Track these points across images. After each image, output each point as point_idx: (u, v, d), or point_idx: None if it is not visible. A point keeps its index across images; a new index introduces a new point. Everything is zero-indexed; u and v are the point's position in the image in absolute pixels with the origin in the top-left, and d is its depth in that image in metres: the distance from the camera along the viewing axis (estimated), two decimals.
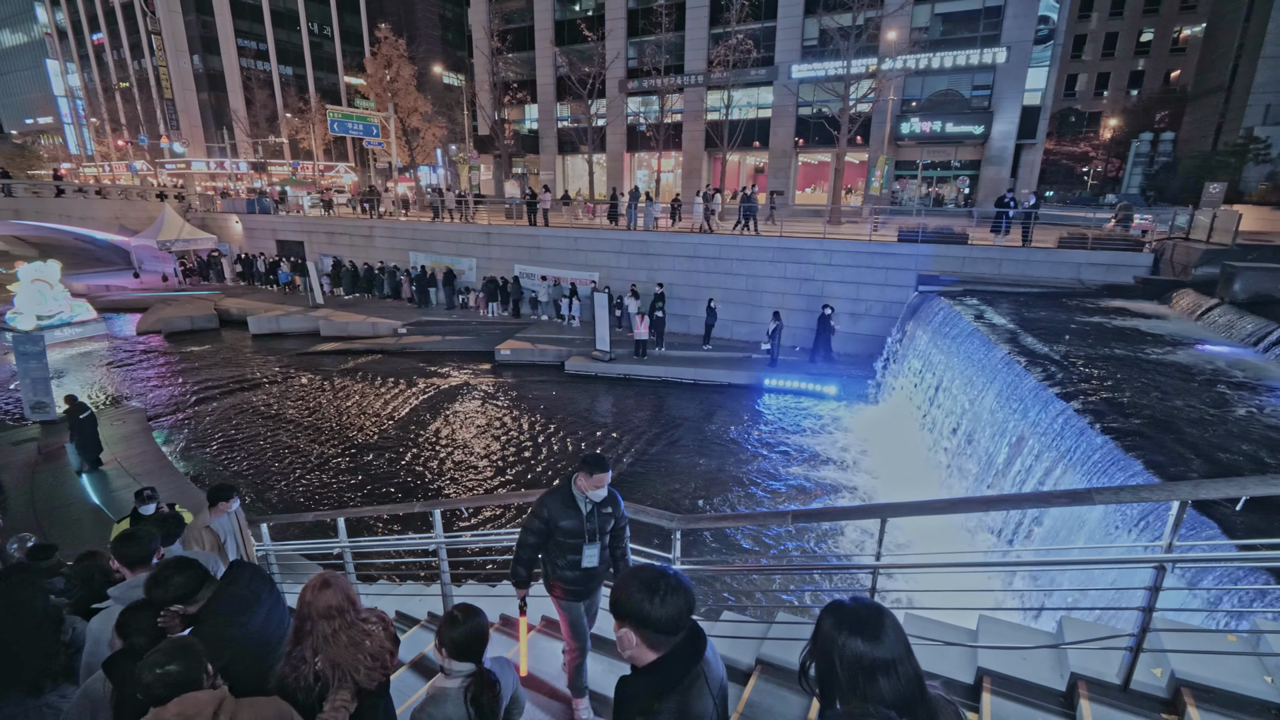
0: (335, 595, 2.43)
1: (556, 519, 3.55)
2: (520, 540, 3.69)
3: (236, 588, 3.20)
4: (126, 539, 3.55)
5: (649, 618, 1.63)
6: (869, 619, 1.42)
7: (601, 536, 3.60)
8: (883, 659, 1.37)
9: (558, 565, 3.66)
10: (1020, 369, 8.82)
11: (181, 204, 35.82)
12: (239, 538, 5.20)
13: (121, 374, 19.53)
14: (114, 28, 63.17)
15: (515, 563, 3.76)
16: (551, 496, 3.63)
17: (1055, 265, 16.14)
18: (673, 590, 1.64)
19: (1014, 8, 27.00)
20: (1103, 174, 49.97)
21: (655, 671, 1.68)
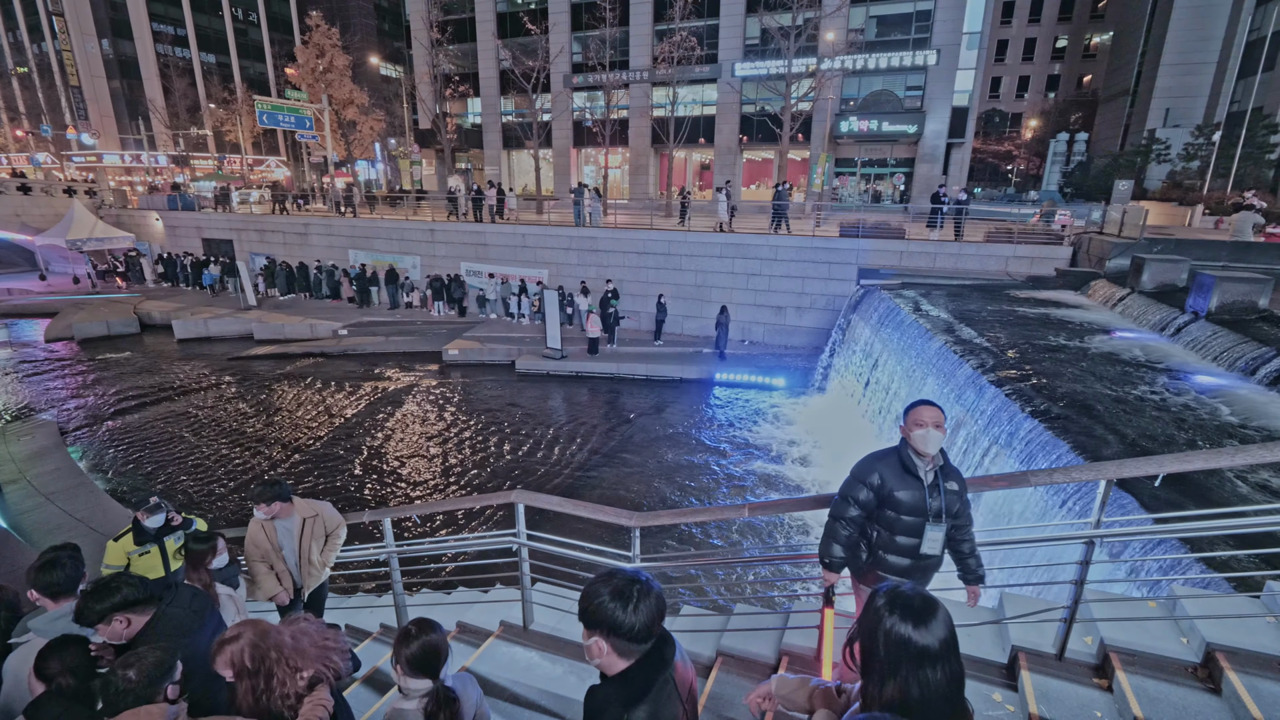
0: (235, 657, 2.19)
1: (891, 488, 2.89)
2: (836, 511, 3.03)
3: (177, 609, 3.02)
4: (48, 566, 3.20)
5: (620, 626, 1.61)
6: (922, 607, 1.46)
7: (947, 518, 2.89)
8: (928, 648, 1.42)
9: (883, 548, 2.97)
10: (956, 358, 9.26)
11: (93, 200, 33.24)
12: (298, 544, 4.55)
13: (29, 385, 17.98)
14: (8, 7, 57.88)
15: (829, 538, 3.03)
16: (881, 460, 2.97)
17: (985, 258, 17.02)
18: (644, 597, 1.62)
19: (943, 12, 28.21)
20: (1025, 172, 52.98)
21: (625, 680, 1.66)
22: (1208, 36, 37.53)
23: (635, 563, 3.97)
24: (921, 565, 2.92)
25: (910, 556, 2.89)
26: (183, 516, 4.85)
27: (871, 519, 2.95)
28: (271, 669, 2.10)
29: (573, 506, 4.06)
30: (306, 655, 2.22)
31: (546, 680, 4.06)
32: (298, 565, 4.59)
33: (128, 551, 4.45)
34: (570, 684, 4.02)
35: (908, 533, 2.86)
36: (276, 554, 4.47)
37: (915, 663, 1.42)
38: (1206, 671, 3.05)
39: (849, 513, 2.96)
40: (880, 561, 2.95)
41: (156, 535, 4.57)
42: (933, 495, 2.85)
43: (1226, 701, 2.85)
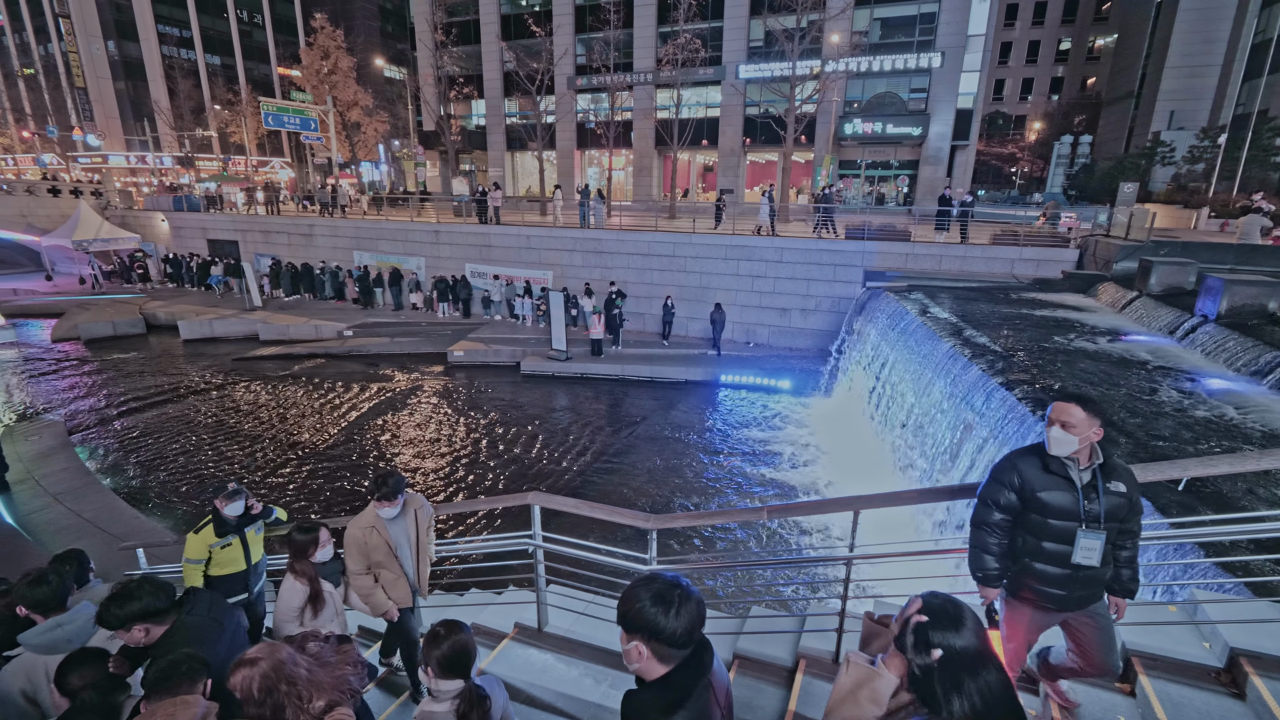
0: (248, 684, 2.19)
1: (1033, 488, 2.57)
2: (978, 518, 2.71)
3: (195, 617, 3.02)
4: (35, 582, 3.22)
5: (662, 631, 1.59)
6: (955, 613, 1.48)
7: (1107, 524, 2.53)
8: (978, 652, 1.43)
9: (1030, 556, 2.64)
10: (965, 361, 9.25)
11: (99, 201, 33.34)
12: (414, 544, 4.06)
13: (36, 385, 18.03)
14: (14, 8, 58.12)
15: (977, 550, 2.72)
16: (1021, 458, 2.66)
17: (990, 261, 17.00)
18: (685, 602, 1.62)
19: (947, 14, 28.22)
20: (1029, 174, 52.96)
21: (665, 686, 1.65)
22: (1212, 39, 37.48)
23: (652, 565, 3.97)
24: (1080, 577, 2.57)
25: (1062, 566, 2.56)
26: (262, 504, 4.61)
27: (1018, 524, 2.65)
28: (281, 701, 2.07)
29: (589, 509, 4.06)
30: (321, 686, 2.20)
31: (562, 682, 4.06)
32: (414, 566, 4.10)
33: (209, 544, 4.31)
34: (586, 686, 4.02)
35: (1057, 539, 2.56)
36: (391, 558, 3.90)
37: (972, 670, 1.42)
38: (1230, 676, 3.04)
39: (992, 518, 2.67)
40: (1028, 570, 2.64)
41: (237, 525, 4.41)
42: (1089, 498, 2.52)
43: (1251, 706, 2.84)
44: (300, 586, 3.53)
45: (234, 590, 4.51)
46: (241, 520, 4.43)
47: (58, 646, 2.98)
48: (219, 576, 4.43)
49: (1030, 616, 2.70)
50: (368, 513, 3.87)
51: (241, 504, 4.36)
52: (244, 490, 4.41)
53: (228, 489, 4.35)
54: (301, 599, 3.50)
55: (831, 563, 3.40)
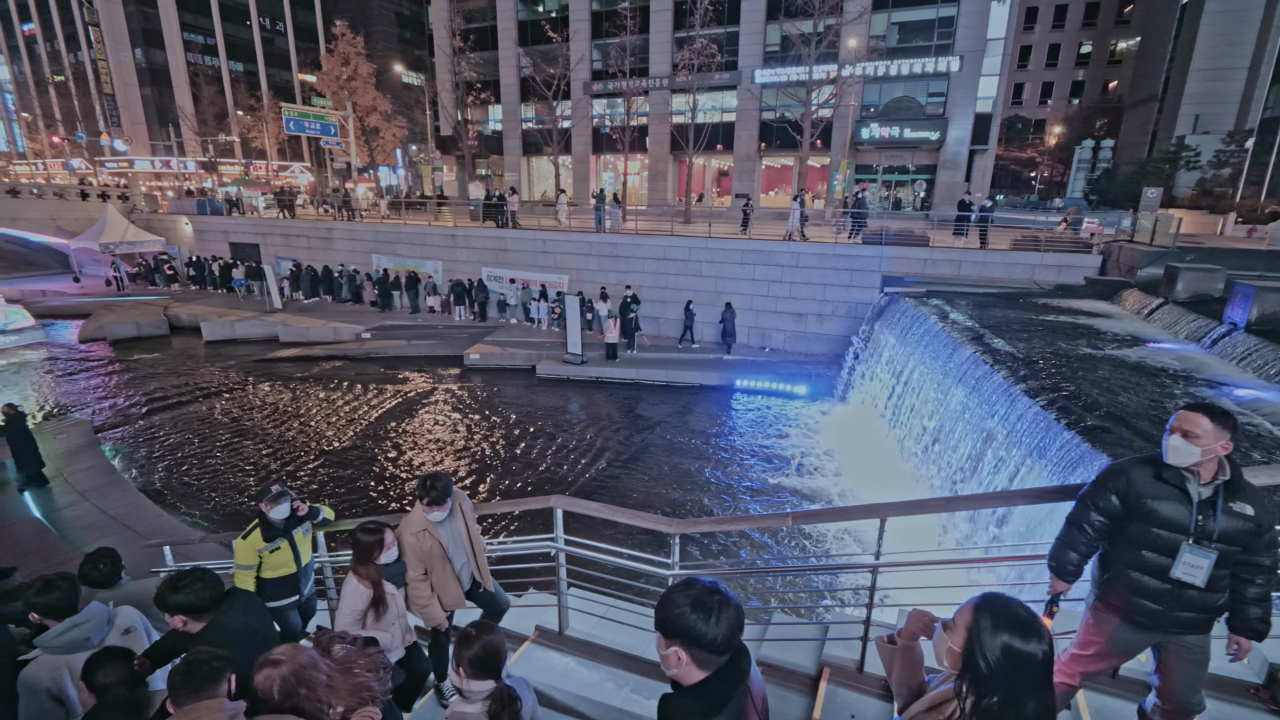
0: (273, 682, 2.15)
1: (1142, 495, 2.48)
2: (1075, 516, 2.67)
3: (231, 619, 3.07)
4: (45, 588, 3.29)
5: (702, 637, 1.59)
6: (1029, 618, 1.45)
7: (1220, 545, 2.38)
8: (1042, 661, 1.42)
9: (1126, 565, 2.54)
10: (987, 368, 9.14)
11: (125, 204, 34.08)
12: (468, 544, 3.97)
13: (64, 384, 18.44)
14: (47, 18, 59.73)
15: (1064, 544, 2.70)
16: (1136, 465, 2.55)
17: (1011, 266, 16.80)
18: (724, 608, 1.61)
19: (966, 18, 28.01)
20: (1049, 179, 52.30)
21: (703, 691, 1.64)
22: (1238, 41, 36.80)
23: (674, 570, 3.96)
24: (1181, 596, 2.44)
25: (1160, 579, 2.46)
26: (309, 505, 4.46)
27: (1117, 530, 2.58)
28: (300, 705, 2.10)
29: (611, 512, 4.07)
30: (339, 693, 2.23)
31: (584, 686, 4.06)
32: (471, 566, 4.01)
33: (258, 549, 4.23)
34: (607, 691, 4.02)
35: (1159, 550, 2.46)
36: (445, 561, 3.81)
37: (1035, 680, 1.41)
38: (1269, 693, 2.96)
39: (1089, 518, 2.61)
40: (1122, 578, 2.55)
41: (285, 528, 4.32)
42: (1204, 514, 2.39)
43: None
44: (364, 589, 3.41)
45: (285, 593, 4.46)
46: (289, 522, 4.35)
47: (78, 645, 3.06)
48: (270, 580, 4.38)
49: (1116, 627, 2.60)
50: (416, 517, 3.75)
51: (287, 506, 4.28)
52: (288, 492, 4.32)
53: (271, 491, 4.23)
54: (365, 602, 3.39)
55: (856, 570, 3.37)
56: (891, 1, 29.56)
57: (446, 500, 3.71)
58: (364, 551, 3.46)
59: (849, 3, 27.18)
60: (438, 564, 3.78)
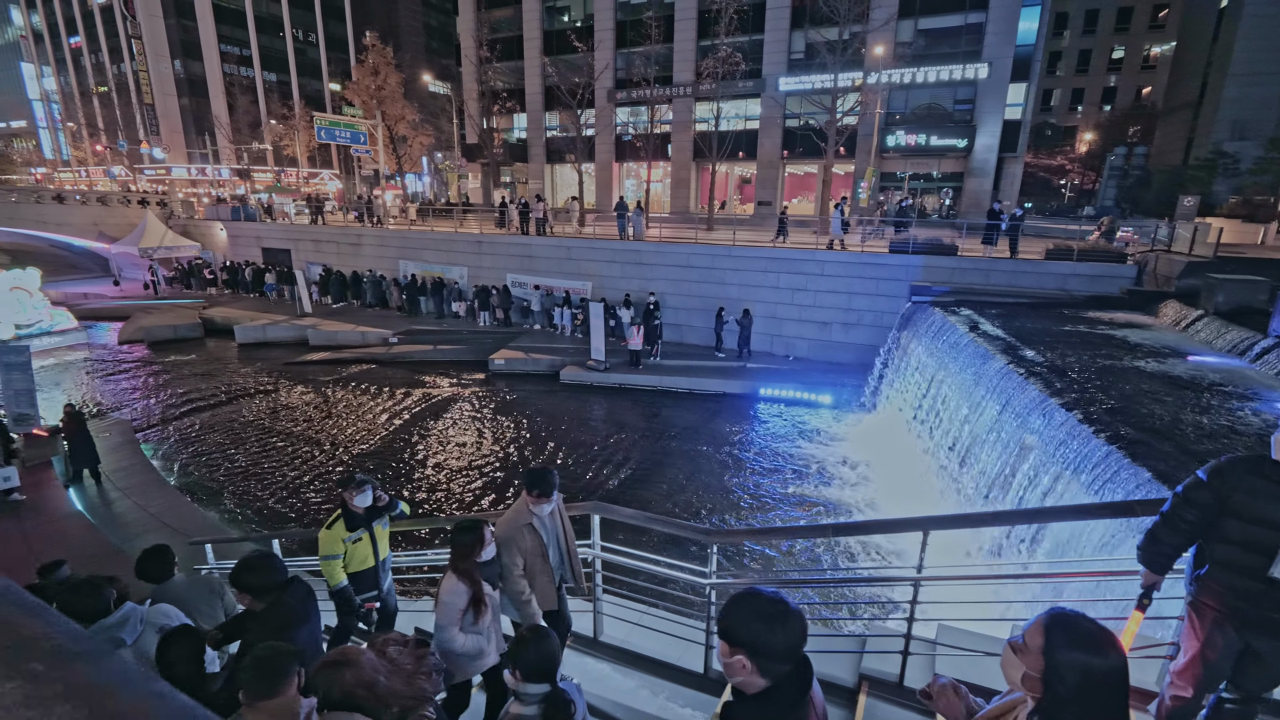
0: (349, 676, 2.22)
1: (1242, 491, 2.44)
2: (1170, 510, 2.63)
3: (294, 600, 3.21)
4: (76, 589, 3.38)
5: (769, 646, 1.61)
6: (1101, 633, 1.46)
7: None
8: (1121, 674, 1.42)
9: (1220, 563, 2.52)
10: (1020, 379, 9.00)
11: (163, 210, 35.18)
12: (563, 543, 3.90)
13: (104, 385, 19.06)
14: (92, 31, 62.03)
15: (1154, 540, 2.67)
16: (1241, 463, 2.51)
17: (1041, 276, 16.50)
18: (791, 617, 1.64)
19: (995, 25, 27.72)
20: (1079, 186, 51.30)
21: (767, 700, 1.65)
22: (1279, 46, 35.82)
23: (711, 579, 3.98)
24: (1276, 596, 2.40)
25: (1255, 579, 2.41)
26: (389, 497, 4.39)
27: (1213, 528, 2.54)
28: (360, 706, 2.17)
29: (649, 520, 4.10)
30: (397, 695, 2.30)
31: (619, 693, 4.09)
32: (564, 565, 3.91)
33: (342, 539, 4.17)
34: (643, 698, 4.04)
35: (1256, 549, 2.39)
36: (544, 560, 3.72)
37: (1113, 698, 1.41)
38: None
39: (1183, 512, 2.58)
40: (1216, 577, 2.52)
41: (366, 519, 4.25)
42: None
43: None
44: (464, 588, 3.29)
45: (365, 587, 4.39)
46: (369, 513, 4.26)
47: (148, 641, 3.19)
48: (350, 574, 4.29)
49: (1210, 626, 2.57)
50: (520, 510, 3.65)
51: (369, 495, 4.18)
52: (371, 480, 4.21)
53: (355, 479, 4.15)
54: (465, 600, 3.29)
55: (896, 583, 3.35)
56: (918, 8, 29.38)
57: (554, 495, 3.64)
58: (463, 549, 3.35)
59: (875, 10, 27.05)
60: (538, 561, 3.68)
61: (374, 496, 4.23)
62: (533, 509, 3.64)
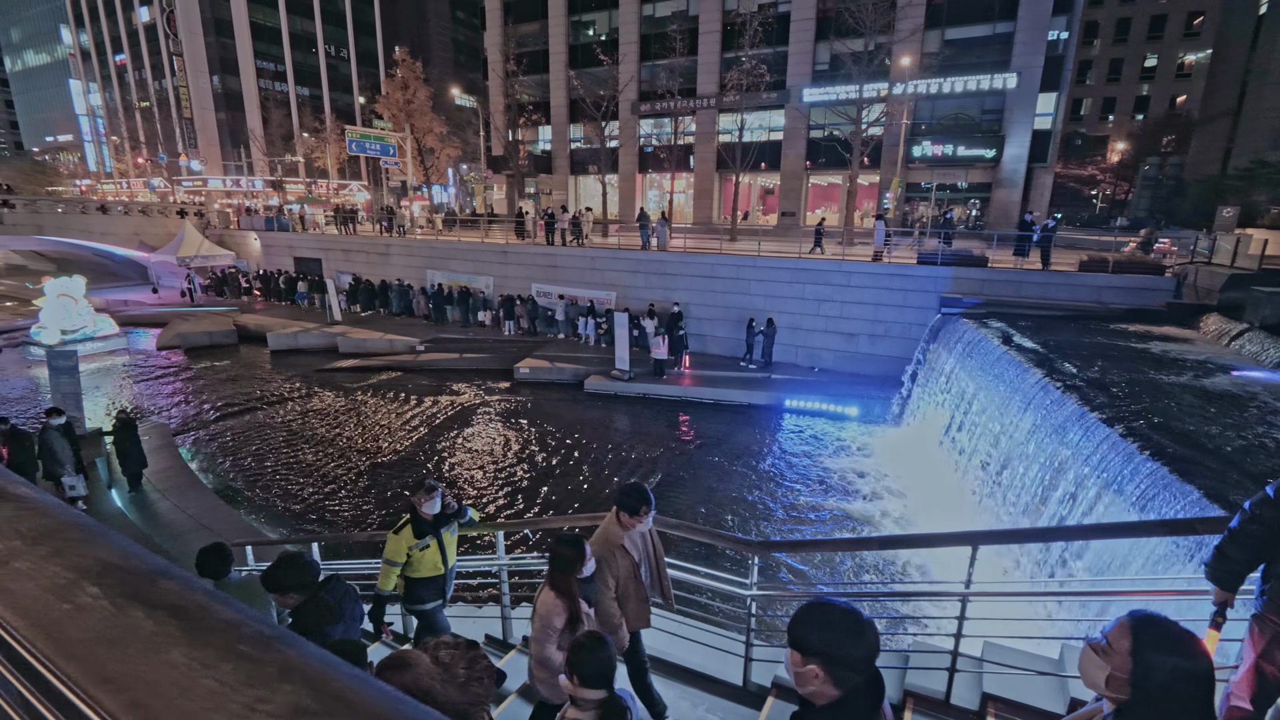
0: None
1: None
2: (1239, 528, 2.63)
3: (331, 597, 3.28)
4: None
5: (844, 656, 1.60)
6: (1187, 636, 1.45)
7: None
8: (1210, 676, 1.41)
9: None
10: (1057, 393, 8.82)
11: (201, 220, 36.30)
12: (653, 561, 3.69)
13: (143, 389, 19.64)
14: (136, 49, 64.58)
15: (1219, 555, 2.69)
16: None
17: (1075, 288, 16.18)
18: (866, 627, 1.64)
19: (1024, 34, 27.45)
20: (1110, 197, 50.27)
21: (839, 711, 1.65)
22: None
23: (752, 590, 3.97)
24: None
25: None
26: (457, 503, 4.36)
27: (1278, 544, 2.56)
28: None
29: (690, 531, 4.11)
30: (452, 702, 2.33)
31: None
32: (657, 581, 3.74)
33: (409, 545, 4.11)
34: (682, 709, 4.03)
35: None
36: (636, 580, 3.52)
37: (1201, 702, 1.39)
38: None
39: (1248, 528, 2.60)
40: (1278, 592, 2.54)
41: (434, 525, 4.19)
42: None
43: None
44: (562, 606, 3.11)
45: (429, 596, 4.31)
46: (438, 519, 4.20)
47: None
48: (417, 580, 4.22)
49: (1269, 640, 2.57)
50: (612, 529, 3.45)
51: (439, 501, 4.11)
52: (441, 486, 4.17)
53: (425, 484, 4.10)
54: (563, 619, 3.11)
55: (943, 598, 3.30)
56: (945, 19, 29.24)
57: (651, 512, 3.47)
58: (564, 565, 3.15)
59: (901, 21, 26.98)
60: (632, 583, 3.48)
61: (443, 503, 4.19)
62: (626, 528, 3.44)
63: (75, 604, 0.72)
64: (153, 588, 0.75)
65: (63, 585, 0.76)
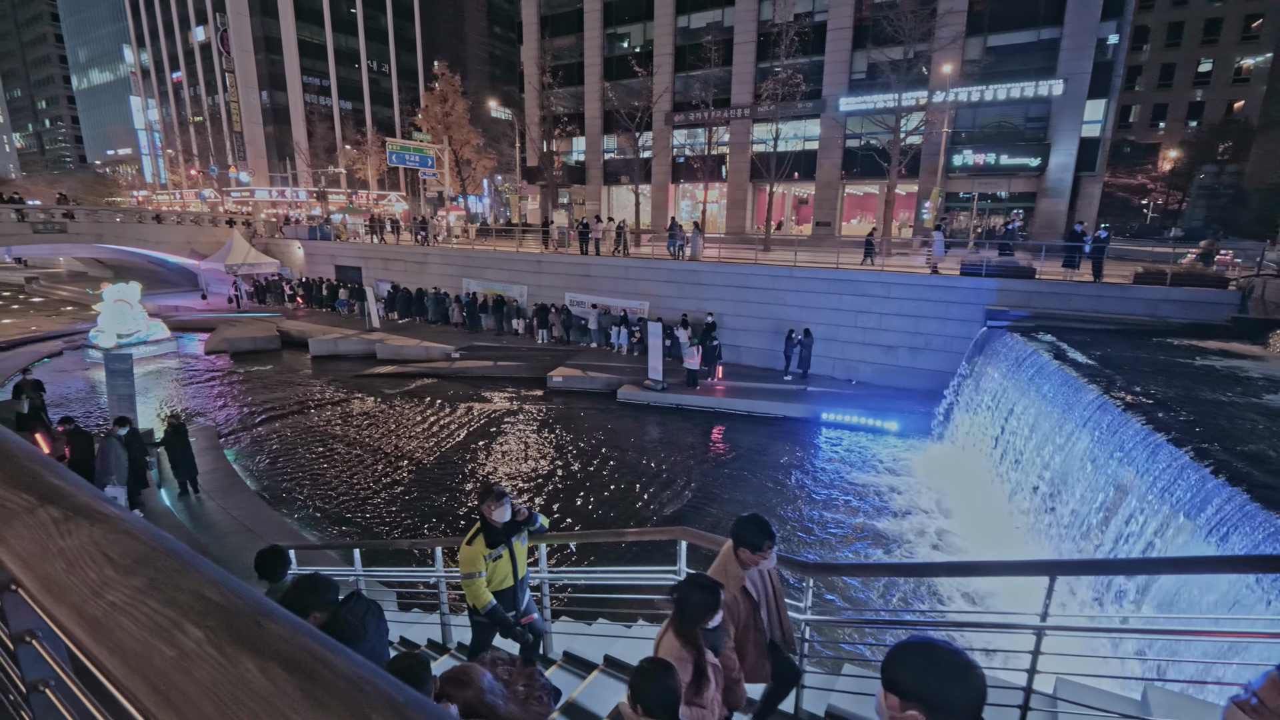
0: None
1: None
2: None
3: (353, 617, 3.22)
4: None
5: (949, 702, 1.47)
6: None
7: None
8: None
9: None
10: (1118, 411, 8.38)
11: (248, 230, 37.63)
12: (773, 602, 3.30)
13: (191, 392, 20.32)
14: (192, 67, 67.70)
15: None
16: None
17: (1129, 301, 15.50)
18: (973, 671, 1.50)
19: (1071, 40, 26.67)
20: (1162, 206, 48.36)
21: None
22: None
23: (807, 615, 3.80)
24: None
25: None
26: (528, 510, 4.15)
27: None
28: None
29: None
30: (514, 718, 2.27)
31: None
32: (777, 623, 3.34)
33: (483, 555, 3.91)
34: None
35: None
36: (759, 631, 3.14)
37: None
38: None
39: None
40: None
41: (505, 534, 3.99)
42: None
43: None
44: (687, 656, 2.69)
45: (504, 608, 4.10)
46: (509, 527, 3.99)
47: None
48: None
49: None
50: (731, 568, 3.03)
51: (508, 508, 3.92)
52: (509, 493, 3.99)
53: (494, 491, 3.89)
54: (689, 672, 2.66)
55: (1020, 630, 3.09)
56: (987, 25, 28.64)
57: (776, 548, 3.06)
58: (694, 613, 2.69)
59: (942, 29, 26.48)
60: (751, 630, 3.07)
61: (513, 510, 3.99)
62: (746, 565, 3.01)
63: (180, 649, 0.65)
64: (260, 633, 0.67)
65: (163, 625, 0.69)
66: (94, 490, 1.05)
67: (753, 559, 3.01)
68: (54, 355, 24.20)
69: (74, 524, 0.91)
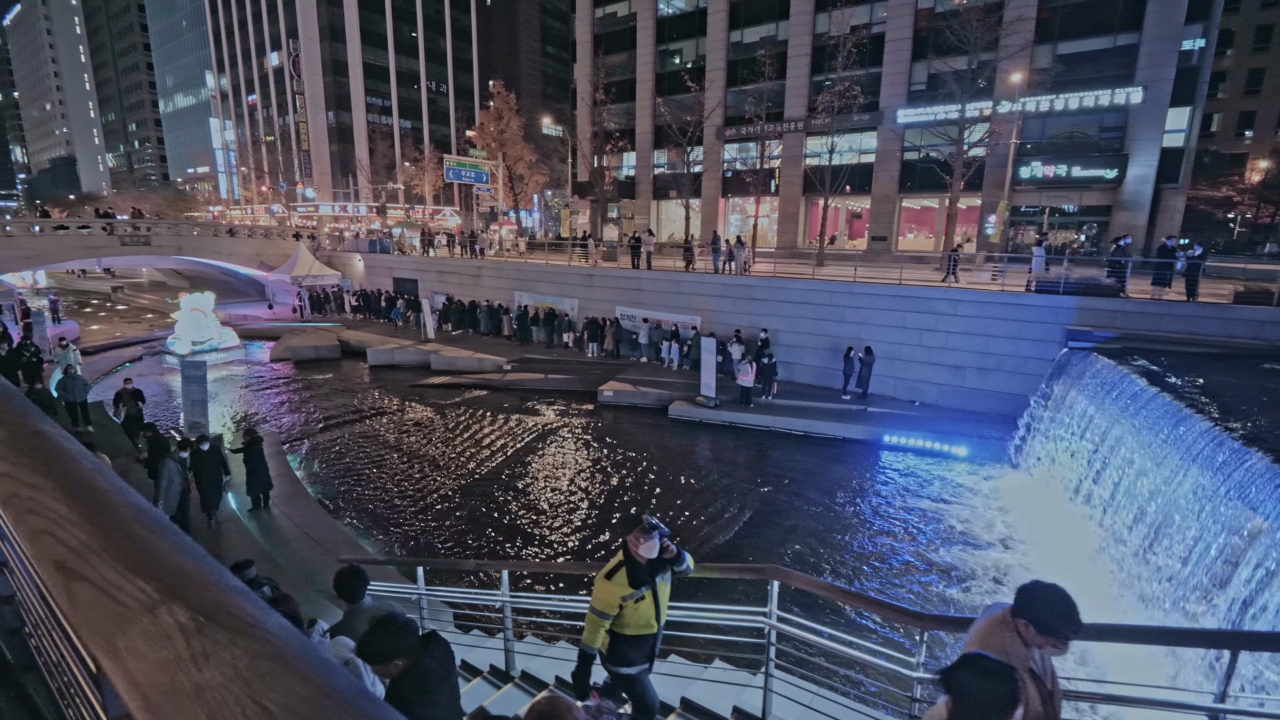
0: None
1: None
2: None
3: (434, 661, 3.01)
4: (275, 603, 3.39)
5: None
6: None
7: None
8: None
9: None
10: (1237, 446, 7.57)
11: (313, 243, 39.30)
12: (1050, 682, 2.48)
13: (257, 398, 21.10)
14: (265, 90, 71.86)
15: None
16: None
17: (1229, 322, 14.25)
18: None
19: (1151, 45, 25.23)
20: (1251, 221, 45.08)
21: None
22: None
23: (919, 672, 3.40)
24: None
25: None
26: (676, 547, 3.57)
27: None
28: None
29: (842, 596, 3.60)
30: None
31: None
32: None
33: (622, 596, 3.42)
34: None
35: None
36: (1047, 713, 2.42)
37: None
38: None
39: None
40: None
41: (650, 573, 3.48)
42: None
43: None
44: None
45: (638, 658, 3.60)
46: (654, 565, 3.48)
47: None
48: (623, 637, 3.54)
49: None
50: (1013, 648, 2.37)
51: (657, 543, 3.40)
52: (660, 525, 3.46)
53: (644, 523, 3.41)
54: None
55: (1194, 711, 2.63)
56: (1057, 33, 27.44)
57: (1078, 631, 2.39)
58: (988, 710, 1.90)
59: (1009, 37, 25.45)
60: None
61: (661, 546, 3.45)
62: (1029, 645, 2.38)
63: None
64: None
65: None
66: (221, 572, 0.83)
67: (1038, 640, 2.37)
68: (134, 360, 25.65)
69: (210, 638, 0.68)
